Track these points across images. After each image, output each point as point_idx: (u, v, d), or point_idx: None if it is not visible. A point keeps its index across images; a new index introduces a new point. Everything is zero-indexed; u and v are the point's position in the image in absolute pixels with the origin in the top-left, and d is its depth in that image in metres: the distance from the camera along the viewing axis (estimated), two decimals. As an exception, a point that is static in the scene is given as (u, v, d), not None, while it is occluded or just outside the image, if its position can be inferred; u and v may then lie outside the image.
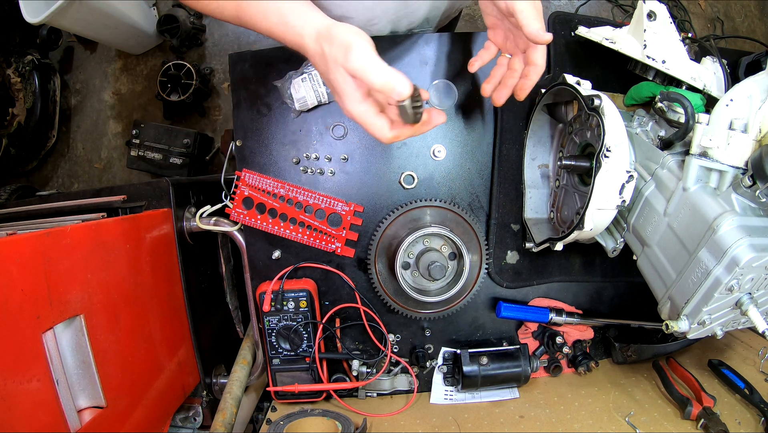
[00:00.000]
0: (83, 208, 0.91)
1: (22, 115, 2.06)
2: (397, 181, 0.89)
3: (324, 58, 0.54)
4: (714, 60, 0.80)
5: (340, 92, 0.54)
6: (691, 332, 0.64)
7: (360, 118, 0.55)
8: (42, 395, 0.60)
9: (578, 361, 0.94)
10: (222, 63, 2.14)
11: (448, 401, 0.92)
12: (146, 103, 2.17)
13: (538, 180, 0.89)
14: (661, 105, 0.73)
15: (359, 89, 0.54)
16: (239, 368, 0.91)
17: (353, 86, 0.53)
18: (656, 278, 0.70)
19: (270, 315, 0.87)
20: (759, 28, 2.10)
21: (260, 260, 0.91)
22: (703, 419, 0.78)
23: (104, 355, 0.70)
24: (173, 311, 0.91)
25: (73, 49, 2.23)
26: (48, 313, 0.61)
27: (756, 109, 0.60)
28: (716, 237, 0.58)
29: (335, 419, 0.85)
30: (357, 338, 0.93)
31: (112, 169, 2.19)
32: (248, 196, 0.87)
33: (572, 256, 0.92)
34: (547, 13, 0.84)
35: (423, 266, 0.81)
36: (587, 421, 0.83)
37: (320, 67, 0.56)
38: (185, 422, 0.97)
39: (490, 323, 0.95)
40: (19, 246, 0.59)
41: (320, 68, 0.56)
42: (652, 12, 0.75)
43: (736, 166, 0.61)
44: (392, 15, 0.85)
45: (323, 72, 0.56)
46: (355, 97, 0.54)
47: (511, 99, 0.70)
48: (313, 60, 0.56)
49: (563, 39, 0.88)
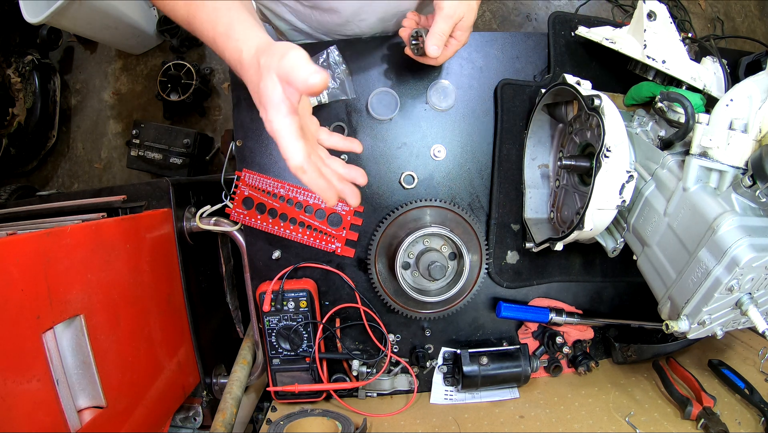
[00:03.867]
0: (83, 208, 0.91)
1: (22, 115, 2.06)
2: (397, 181, 0.89)
3: (257, 69, 0.53)
4: (714, 60, 0.80)
5: (267, 102, 0.52)
6: (691, 332, 0.64)
7: (279, 132, 0.52)
8: (42, 395, 0.60)
9: (578, 361, 0.94)
10: (222, 63, 2.14)
11: (448, 401, 0.92)
12: (146, 103, 2.17)
13: (538, 180, 0.89)
14: (661, 105, 0.73)
15: (287, 101, 0.52)
16: (239, 368, 0.91)
17: (281, 96, 0.51)
18: (656, 278, 0.70)
19: (270, 315, 0.87)
20: (759, 28, 2.10)
21: (260, 260, 0.91)
22: (703, 419, 0.78)
23: (104, 355, 0.70)
24: (173, 311, 0.91)
25: (73, 49, 2.23)
26: (48, 313, 0.61)
27: (756, 109, 0.60)
28: (716, 237, 0.58)
29: (335, 419, 0.85)
30: (357, 338, 0.93)
31: (112, 169, 2.19)
32: (248, 196, 0.87)
33: (572, 256, 0.92)
34: (547, 13, 0.84)
35: (423, 266, 0.81)
36: (587, 421, 0.83)
37: (252, 81, 0.54)
38: (185, 422, 0.97)
39: (490, 323, 0.95)
40: (19, 246, 0.59)
41: (252, 82, 0.54)
42: (652, 12, 0.75)
43: (736, 166, 0.61)
44: (381, 13, 0.86)
45: (254, 86, 0.54)
46: (280, 109, 0.52)
47: (511, 99, 0.71)
48: (247, 75, 0.55)
49: (563, 39, 0.88)
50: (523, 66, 0.90)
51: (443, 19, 0.67)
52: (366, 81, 0.89)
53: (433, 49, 0.68)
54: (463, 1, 0.67)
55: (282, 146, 0.52)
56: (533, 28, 2.09)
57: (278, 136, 0.52)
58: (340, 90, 0.86)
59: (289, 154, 0.52)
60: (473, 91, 0.89)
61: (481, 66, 0.89)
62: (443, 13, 0.67)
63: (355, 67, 0.88)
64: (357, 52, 0.88)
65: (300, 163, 0.52)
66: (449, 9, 0.67)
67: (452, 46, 0.72)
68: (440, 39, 0.68)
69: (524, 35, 0.90)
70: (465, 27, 0.70)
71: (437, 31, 0.68)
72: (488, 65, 0.89)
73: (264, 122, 0.53)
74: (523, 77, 0.90)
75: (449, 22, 0.68)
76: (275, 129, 0.52)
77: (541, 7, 2.09)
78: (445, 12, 0.67)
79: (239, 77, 0.58)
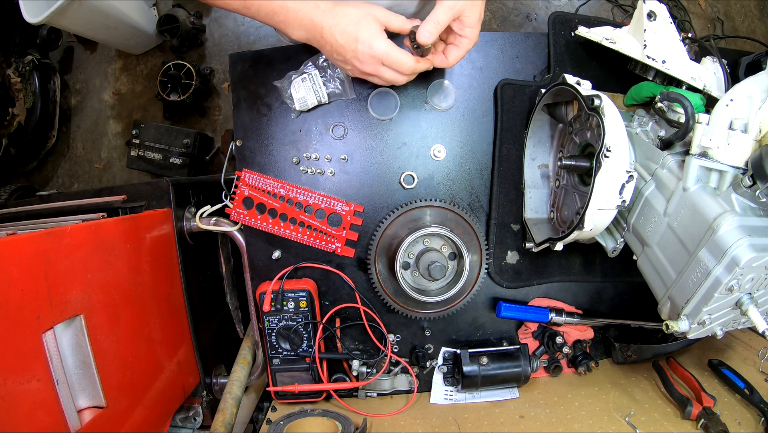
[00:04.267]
0: (83, 208, 0.91)
1: (22, 115, 2.06)
2: (397, 181, 0.89)
3: (345, 9, 0.66)
4: (714, 60, 0.80)
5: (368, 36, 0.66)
6: (691, 332, 0.64)
7: (387, 52, 0.67)
8: (42, 395, 0.60)
9: (578, 361, 0.94)
10: (222, 63, 2.14)
11: (448, 401, 0.92)
12: (146, 103, 2.17)
13: (538, 180, 0.89)
14: (661, 105, 0.73)
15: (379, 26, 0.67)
16: (239, 368, 0.91)
17: (378, 28, 0.67)
18: (656, 278, 0.70)
19: (270, 315, 0.87)
20: (759, 28, 2.10)
21: (260, 260, 0.91)
22: (703, 419, 0.78)
23: (104, 355, 0.70)
24: (173, 311, 0.91)
25: (73, 49, 2.23)
26: (48, 313, 0.61)
27: (756, 109, 0.60)
28: (716, 237, 0.58)
29: (335, 419, 0.85)
30: (357, 338, 0.93)
31: (112, 169, 2.19)
32: (248, 196, 0.87)
33: (572, 256, 0.92)
34: (547, 13, 0.84)
35: (423, 266, 0.81)
36: (587, 421, 0.83)
37: (338, 21, 0.66)
38: (185, 422, 0.97)
39: (490, 323, 0.95)
40: (19, 246, 0.59)
41: (334, 22, 0.66)
42: (652, 12, 0.75)
43: (736, 166, 0.61)
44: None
45: (336, 26, 0.66)
46: (382, 36, 0.67)
47: (511, 99, 0.71)
48: (324, 17, 0.67)
49: (563, 39, 0.88)
50: (523, 66, 0.90)
51: (443, 9, 0.66)
52: (366, 81, 0.88)
53: (424, 35, 0.68)
54: None
55: (393, 62, 0.68)
56: (533, 28, 2.08)
57: (383, 56, 0.67)
58: (341, 90, 0.86)
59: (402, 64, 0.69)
60: (473, 91, 0.89)
61: (481, 66, 0.89)
62: (445, 2, 0.66)
63: (355, 67, 0.88)
64: (357, 52, 0.88)
65: (413, 66, 0.70)
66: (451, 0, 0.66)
67: (463, 46, 0.71)
68: (434, 27, 0.67)
69: (524, 35, 0.90)
70: (471, 23, 0.69)
71: (434, 18, 0.67)
72: (488, 65, 0.89)
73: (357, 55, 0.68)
74: (523, 77, 0.90)
75: (448, 13, 0.67)
76: (383, 52, 0.67)
77: (541, 7, 2.09)
78: (447, 2, 0.66)
79: (303, 29, 0.69)
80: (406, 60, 0.68)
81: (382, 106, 0.88)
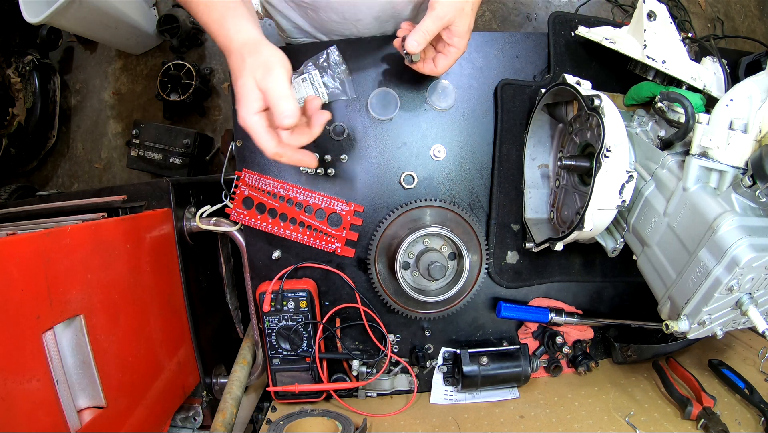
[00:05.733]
0: (83, 208, 0.91)
1: (22, 115, 2.06)
2: (397, 181, 0.89)
3: (242, 65, 0.60)
4: (714, 60, 0.80)
5: (242, 99, 0.60)
6: (691, 332, 0.64)
7: (252, 128, 0.61)
8: (42, 395, 0.60)
9: (578, 361, 0.94)
10: (222, 63, 2.14)
11: (448, 401, 0.92)
12: (146, 103, 2.17)
13: (538, 180, 0.89)
14: (661, 105, 0.73)
15: (259, 101, 0.60)
16: (239, 368, 0.91)
17: (256, 97, 0.60)
18: (656, 278, 0.70)
19: (270, 315, 0.87)
20: (759, 28, 2.10)
21: (260, 260, 0.91)
22: (703, 419, 0.78)
23: (104, 355, 0.70)
24: (173, 311, 0.91)
25: (73, 49, 2.23)
26: (48, 313, 0.61)
27: (756, 109, 0.60)
28: (716, 237, 0.58)
29: (335, 419, 0.85)
30: (357, 338, 0.93)
31: (112, 169, 2.19)
32: (248, 196, 0.87)
33: (572, 256, 0.92)
34: (547, 13, 0.84)
35: (423, 266, 0.81)
36: (587, 421, 0.83)
37: (235, 71, 0.62)
38: (185, 422, 0.97)
39: (490, 323, 0.95)
40: (19, 246, 0.59)
41: (235, 72, 0.62)
42: (652, 12, 0.75)
43: (736, 166, 0.61)
44: (377, 12, 0.85)
45: (236, 75, 0.61)
46: (253, 107, 0.60)
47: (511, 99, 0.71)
48: (233, 62, 0.62)
49: (563, 39, 0.88)
50: (523, 66, 0.90)
51: (432, 18, 0.67)
52: (366, 81, 0.89)
53: (412, 44, 0.68)
54: (457, 5, 0.66)
55: (255, 140, 0.62)
56: (533, 28, 2.08)
57: (251, 131, 0.61)
58: (340, 90, 0.87)
59: (264, 146, 0.62)
60: (473, 91, 0.89)
61: (481, 66, 0.89)
62: (434, 12, 0.66)
63: (355, 67, 0.88)
64: (357, 52, 0.88)
65: (274, 152, 0.62)
66: (440, 10, 0.66)
67: (452, 55, 0.72)
68: (422, 36, 0.67)
69: (524, 35, 0.90)
70: (460, 33, 0.69)
71: (422, 28, 0.67)
72: (488, 65, 0.89)
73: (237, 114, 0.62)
74: (523, 77, 0.90)
75: (437, 23, 0.67)
76: (248, 125, 0.61)
77: (541, 7, 2.09)
78: (436, 12, 0.66)
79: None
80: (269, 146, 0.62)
81: (382, 106, 0.88)
